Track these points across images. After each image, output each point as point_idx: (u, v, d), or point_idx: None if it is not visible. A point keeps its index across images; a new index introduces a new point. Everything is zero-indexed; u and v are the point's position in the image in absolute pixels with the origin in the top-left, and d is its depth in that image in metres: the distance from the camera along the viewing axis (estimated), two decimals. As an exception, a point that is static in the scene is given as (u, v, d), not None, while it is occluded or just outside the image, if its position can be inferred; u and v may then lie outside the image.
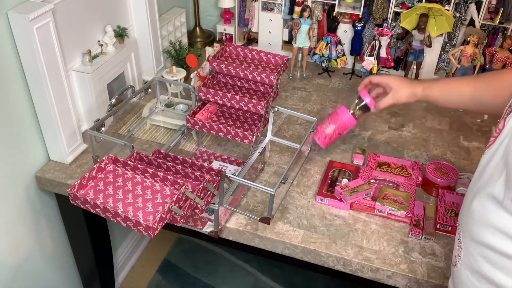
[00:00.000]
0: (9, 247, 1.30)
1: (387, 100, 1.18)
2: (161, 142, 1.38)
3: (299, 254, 1.11)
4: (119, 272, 1.96)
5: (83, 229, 1.43)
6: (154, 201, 0.99)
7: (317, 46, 1.74)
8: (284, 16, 1.76)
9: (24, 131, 1.23)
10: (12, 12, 1.06)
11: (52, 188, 1.30)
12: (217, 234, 1.12)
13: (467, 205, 0.80)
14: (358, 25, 1.70)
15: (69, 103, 1.25)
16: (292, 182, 1.25)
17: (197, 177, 1.03)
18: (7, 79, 1.13)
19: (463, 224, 0.81)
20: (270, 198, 1.03)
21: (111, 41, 1.39)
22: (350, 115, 1.22)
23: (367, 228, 1.13)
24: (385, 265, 1.05)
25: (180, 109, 1.45)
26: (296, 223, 1.14)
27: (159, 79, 1.41)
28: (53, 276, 1.54)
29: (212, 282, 2.01)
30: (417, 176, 1.26)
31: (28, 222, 1.35)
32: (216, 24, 1.93)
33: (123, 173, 1.05)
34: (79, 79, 1.30)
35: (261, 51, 1.33)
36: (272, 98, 1.28)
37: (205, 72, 1.45)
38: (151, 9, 1.52)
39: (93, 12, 1.35)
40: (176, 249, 2.15)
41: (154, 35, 1.56)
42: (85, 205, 0.96)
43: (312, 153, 1.35)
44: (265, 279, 2.03)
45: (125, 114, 1.49)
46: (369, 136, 1.44)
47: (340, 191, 1.16)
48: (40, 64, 1.12)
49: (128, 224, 0.91)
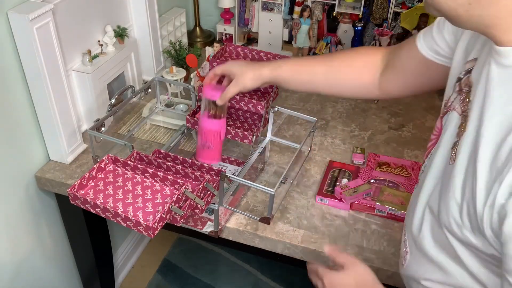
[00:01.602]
0: (9, 247, 1.30)
1: (231, 89, 1.06)
2: (161, 142, 1.38)
3: (299, 254, 1.11)
4: (119, 272, 1.96)
5: (83, 229, 1.43)
6: (154, 201, 0.99)
7: (317, 46, 1.74)
8: (284, 16, 1.76)
9: (24, 131, 1.23)
10: (12, 12, 1.06)
11: (52, 188, 1.30)
12: (217, 234, 1.12)
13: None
14: (358, 25, 1.70)
15: (69, 103, 1.25)
16: (292, 182, 1.25)
17: (197, 177, 1.03)
18: (7, 79, 1.13)
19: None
20: (270, 198, 1.03)
21: (111, 41, 1.39)
22: (208, 118, 1.10)
23: (367, 228, 1.13)
24: (385, 265, 1.05)
25: (180, 109, 1.45)
26: (296, 223, 1.14)
27: (159, 79, 1.41)
28: (53, 276, 1.54)
29: (212, 282, 2.01)
30: (417, 176, 1.26)
31: (28, 222, 1.35)
32: (216, 24, 1.93)
33: (123, 173, 1.05)
34: (79, 79, 1.30)
35: (261, 51, 1.33)
36: (272, 98, 1.28)
37: (205, 72, 1.45)
38: (151, 9, 1.52)
39: (93, 12, 1.35)
40: (176, 249, 2.15)
41: (154, 35, 1.56)
42: (85, 205, 0.96)
43: (312, 153, 1.35)
44: (265, 279, 2.03)
45: (125, 114, 1.49)
46: (369, 136, 1.44)
47: (340, 191, 1.16)
48: (40, 64, 1.12)
49: (128, 224, 0.91)
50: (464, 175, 0.63)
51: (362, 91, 1.04)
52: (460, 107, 0.70)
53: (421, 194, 0.75)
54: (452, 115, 0.71)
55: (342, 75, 1.02)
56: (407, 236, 0.81)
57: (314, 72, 1.03)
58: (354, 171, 1.27)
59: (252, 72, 1.06)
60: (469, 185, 0.61)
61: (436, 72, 0.89)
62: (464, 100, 0.69)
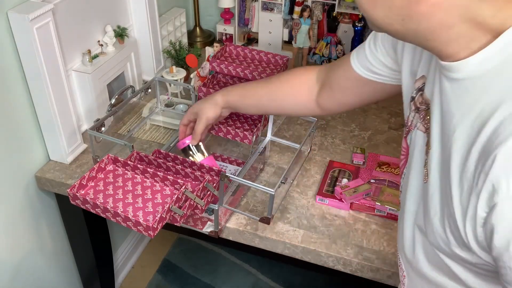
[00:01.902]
0: (9, 247, 1.30)
1: (197, 126, 1.11)
2: (161, 142, 1.38)
3: (299, 254, 1.11)
4: (119, 272, 1.96)
5: (83, 229, 1.43)
6: (154, 201, 0.99)
7: (317, 46, 1.74)
8: (284, 16, 1.76)
9: (24, 131, 1.23)
10: (12, 12, 1.06)
11: (52, 188, 1.30)
12: (217, 234, 1.12)
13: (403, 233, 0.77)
14: (358, 25, 1.70)
15: (69, 103, 1.25)
16: (292, 182, 1.25)
17: (197, 177, 1.03)
18: (7, 79, 1.13)
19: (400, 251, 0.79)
20: (270, 198, 1.03)
21: (111, 41, 1.39)
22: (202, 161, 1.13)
23: (367, 228, 1.13)
24: (385, 265, 1.05)
25: (180, 109, 1.45)
26: (296, 223, 1.14)
27: (159, 79, 1.41)
28: (53, 276, 1.54)
29: (212, 282, 2.01)
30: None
31: (28, 222, 1.35)
32: (216, 24, 1.93)
33: (123, 173, 1.05)
34: (79, 79, 1.30)
35: (261, 51, 1.33)
36: (272, 98, 1.28)
37: (205, 72, 1.45)
38: (151, 9, 1.52)
39: (93, 12, 1.35)
40: (176, 249, 2.15)
41: (154, 35, 1.56)
42: (85, 205, 0.96)
43: (312, 153, 1.35)
44: (265, 279, 2.03)
45: (125, 114, 1.49)
46: (369, 136, 1.44)
47: (340, 191, 1.16)
48: (40, 64, 1.12)
49: (128, 224, 0.91)
50: (439, 192, 0.63)
51: (303, 109, 1.06)
52: (422, 125, 0.70)
53: (406, 216, 0.74)
54: (417, 134, 0.72)
55: (282, 95, 1.05)
56: (402, 260, 0.80)
57: (258, 95, 1.07)
58: (354, 171, 1.27)
59: (208, 102, 1.11)
60: (446, 201, 0.61)
61: (373, 88, 0.90)
62: (425, 118, 0.69)
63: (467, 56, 0.56)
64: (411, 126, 0.74)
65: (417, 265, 0.73)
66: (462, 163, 0.57)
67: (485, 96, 0.55)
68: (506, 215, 0.51)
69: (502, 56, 0.54)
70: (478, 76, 0.56)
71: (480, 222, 0.55)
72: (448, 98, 0.61)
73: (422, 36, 0.58)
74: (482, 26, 0.54)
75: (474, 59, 0.55)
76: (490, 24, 0.54)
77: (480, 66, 0.55)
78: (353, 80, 0.91)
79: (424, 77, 0.71)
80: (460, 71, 0.58)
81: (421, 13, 0.55)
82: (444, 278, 0.69)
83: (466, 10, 0.53)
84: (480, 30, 0.54)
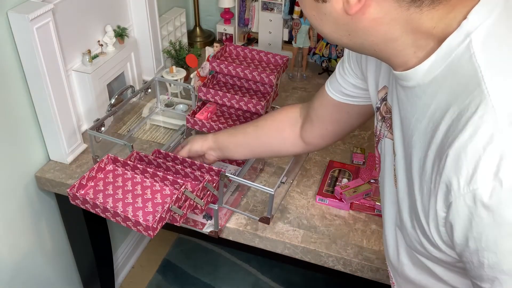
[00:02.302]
0: (8, 247, 1.30)
1: (182, 151, 1.14)
2: (161, 142, 1.38)
3: (299, 254, 1.11)
4: (119, 272, 1.96)
5: (83, 229, 1.43)
6: (154, 201, 0.99)
7: (317, 46, 1.74)
8: (284, 16, 1.76)
9: (24, 131, 1.23)
10: (12, 12, 1.06)
11: (52, 188, 1.30)
12: (217, 234, 1.12)
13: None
14: (358, 25, 1.69)
15: (69, 103, 1.25)
16: (292, 182, 1.25)
17: (197, 177, 1.03)
18: (7, 79, 1.13)
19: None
20: (270, 198, 1.03)
21: (111, 41, 1.39)
22: None
23: (367, 228, 1.13)
24: (385, 265, 1.05)
25: (180, 109, 1.45)
26: (296, 223, 1.14)
27: (159, 79, 1.41)
28: (53, 276, 1.54)
29: (212, 282, 2.01)
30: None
31: (28, 222, 1.35)
32: (216, 24, 1.93)
33: (122, 173, 1.05)
34: (79, 79, 1.30)
35: (261, 51, 1.33)
36: (272, 98, 1.28)
37: (205, 72, 1.45)
38: (151, 9, 1.52)
39: (93, 12, 1.35)
40: (176, 249, 2.15)
41: (154, 35, 1.56)
42: (85, 205, 0.96)
43: (312, 153, 1.35)
44: (265, 279, 2.03)
45: (125, 114, 1.49)
46: (369, 136, 1.44)
47: (340, 191, 1.16)
48: (40, 64, 1.12)
49: (128, 224, 0.91)
50: (407, 196, 0.65)
51: (289, 146, 1.07)
52: (390, 133, 0.73)
53: (387, 223, 0.76)
54: (386, 142, 0.74)
55: (267, 131, 1.07)
56: (390, 268, 0.81)
57: (246, 133, 1.09)
58: (354, 171, 1.27)
59: (199, 136, 1.15)
60: (412, 204, 0.63)
61: (349, 112, 0.92)
62: (391, 125, 0.71)
63: (415, 64, 0.58)
64: (380, 136, 0.76)
65: (403, 270, 0.74)
66: (421, 166, 0.59)
67: (435, 101, 0.57)
68: (460, 212, 0.52)
69: (446, 61, 0.56)
70: (427, 82, 0.58)
71: (441, 222, 0.56)
72: (404, 105, 0.64)
73: (371, 49, 0.61)
74: (426, 35, 0.56)
75: (422, 67, 0.58)
76: (433, 33, 0.56)
77: (428, 73, 0.57)
78: (329, 106, 0.93)
79: (386, 87, 0.73)
80: (411, 80, 0.60)
81: (364, 28, 0.57)
82: (430, 280, 0.70)
83: (407, 23, 0.55)
84: (424, 39, 0.57)
